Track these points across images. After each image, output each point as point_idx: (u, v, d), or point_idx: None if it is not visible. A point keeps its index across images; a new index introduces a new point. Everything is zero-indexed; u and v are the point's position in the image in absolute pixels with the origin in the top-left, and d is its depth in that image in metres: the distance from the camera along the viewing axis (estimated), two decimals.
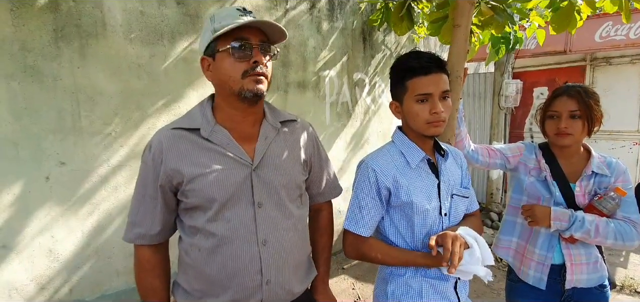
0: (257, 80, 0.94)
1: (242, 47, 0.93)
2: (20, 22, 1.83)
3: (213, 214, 0.95)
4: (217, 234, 0.95)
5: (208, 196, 0.94)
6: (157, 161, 0.96)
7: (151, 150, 0.97)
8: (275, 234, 0.99)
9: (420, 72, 1.02)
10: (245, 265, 0.95)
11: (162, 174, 0.95)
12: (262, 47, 0.96)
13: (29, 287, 1.98)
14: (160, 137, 0.97)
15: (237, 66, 0.93)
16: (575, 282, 1.34)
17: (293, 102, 3.10)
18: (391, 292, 1.12)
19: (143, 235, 1.00)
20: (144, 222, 1.00)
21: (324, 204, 1.25)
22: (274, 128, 1.05)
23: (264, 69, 0.95)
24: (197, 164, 0.95)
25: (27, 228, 1.95)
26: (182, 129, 0.98)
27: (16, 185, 1.89)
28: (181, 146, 0.96)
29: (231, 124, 1.00)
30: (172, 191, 0.98)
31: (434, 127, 1.04)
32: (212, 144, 0.97)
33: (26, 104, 1.87)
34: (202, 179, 0.94)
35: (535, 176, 1.41)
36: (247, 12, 0.95)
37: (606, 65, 4.38)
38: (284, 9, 2.97)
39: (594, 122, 1.31)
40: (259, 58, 0.94)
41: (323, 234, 1.25)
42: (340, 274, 3.33)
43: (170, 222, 1.03)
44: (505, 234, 1.52)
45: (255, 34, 0.95)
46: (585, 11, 1.94)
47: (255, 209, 0.97)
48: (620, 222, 1.27)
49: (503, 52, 3.03)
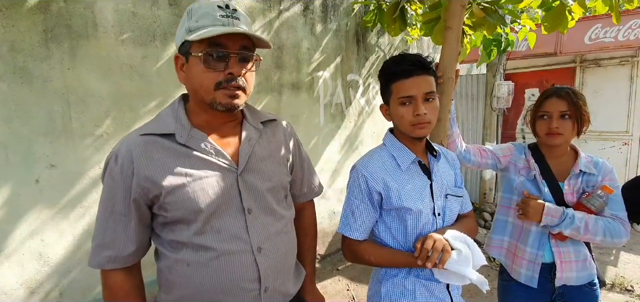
0: (231, 95, 0.85)
1: (217, 55, 0.83)
2: (10, 23, 1.80)
3: (200, 226, 0.86)
4: (208, 246, 0.87)
5: (192, 207, 0.85)
6: (126, 173, 0.84)
7: (118, 161, 0.85)
8: (268, 239, 0.94)
9: (402, 76, 1.04)
10: (242, 276, 0.89)
11: (135, 186, 0.84)
12: (242, 56, 0.86)
13: (19, 291, 1.95)
14: (129, 146, 0.86)
15: (210, 76, 0.84)
16: (565, 279, 1.36)
17: (287, 103, 3.10)
18: (385, 292, 1.13)
19: (114, 258, 0.87)
20: (114, 243, 0.87)
21: (306, 203, 1.22)
22: (256, 129, 0.99)
23: (241, 81, 0.86)
24: (176, 173, 0.85)
25: (16, 232, 1.91)
26: (153, 135, 0.87)
27: (5, 188, 1.86)
28: (154, 154, 0.85)
29: (209, 127, 0.92)
30: (147, 205, 0.87)
31: (418, 129, 1.05)
32: (191, 150, 0.88)
33: (15, 106, 1.84)
34: (183, 190, 0.85)
35: (524, 175, 1.44)
36: (230, 12, 0.84)
37: (595, 67, 4.45)
38: (278, 11, 2.97)
39: (583, 122, 1.34)
40: (235, 70, 0.84)
41: (307, 234, 1.21)
42: (335, 275, 3.33)
43: (145, 239, 0.92)
44: (496, 233, 1.54)
45: (235, 40, 0.85)
46: (576, 11, 1.96)
47: (246, 216, 0.91)
48: (609, 220, 1.30)
49: (495, 54, 3.07)
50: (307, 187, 1.19)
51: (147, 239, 0.94)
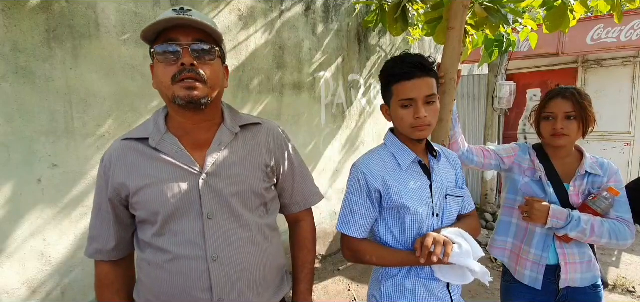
0: (187, 86, 0.85)
1: (168, 50, 0.84)
2: (12, 23, 1.80)
3: (159, 228, 0.88)
4: (164, 249, 0.88)
5: (151, 208, 0.88)
6: (107, 174, 0.92)
7: (103, 163, 0.94)
8: (228, 249, 0.90)
9: (403, 78, 1.03)
10: (193, 283, 0.87)
11: (110, 188, 0.91)
12: (197, 48, 0.86)
13: (20, 291, 1.95)
14: (111, 149, 0.93)
15: (166, 71, 0.85)
16: (570, 281, 1.35)
17: (288, 104, 3.09)
18: (385, 292, 1.12)
19: (100, 250, 0.96)
20: (100, 237, 0.95)
21: (301, 213, 1.13)
22: (231, 133, 0.97)
23: (198, 72, 0.85)
24: (143, 175, 0.89)
25: (18, 231, 1.92)
26: (132, 140, 0.93)
27: (7, 188, 1.86)
28: (129, 158, 0.91)
29: (183, 131, 0.93)
30: (122, 205, 0.93)
31: (419, 131, 1.05)
32: (160, 154, 0.90)
33: (18, 106, 1.85)
34: (146, 191, 0.88)
35: (529, 176, 1.42)
36: (184, 11, 0.85)
37: (598, 68, 4.44)
38: (279, 11, 2.97)
39: (588, 123, 1.33)
40: (186, 60, 0.84)
41: (302, 248, 1.13)
42: (335, 276, 3.32)
43: (126, 238, 0.98)
44: (500, 234, 1.53)
45: (188, 34, 0.85)
46: (578, 11, 1.96)
47: (204, 222, 0.89)
48: (614, 222, 1.29)
49: (496, 54, 3.06)
50: (300, 196, 1.11)
51: (128, 238, 0.99)
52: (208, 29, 0.87)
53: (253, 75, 2.84)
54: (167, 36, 0.85)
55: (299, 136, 3.21)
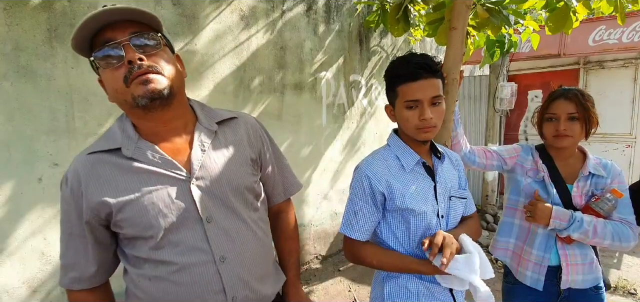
0: (142, 81, 0.77)
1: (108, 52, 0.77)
2: (14, 21, 1.80)
3: (157, 242, 0.82)
4: (168, 261, 0.83)
5: (144, 223, 0.81)
6: (77, 195, 0.82)
7: (68, 183, 0.83)
8: (233, 247, 0.88)
9: (408, 79, 1.02)
10: (205, 287, 0.84)
11: (86, 208, 0.81)
12: (137, 42, 0.79)
13: (21, 290, 1.95)
14: (76, 166, 0.83)
15: (116, 75, 0.78)
16: (571, 282, 1.34)
17: (289, 104, 3.09)
18: (387, 294, 1.12)
19: (78, 279, 0.86)
20: (76, 265, 0.86)
21: (283, 204, 1.14)
22: (209, 131, 0.92)
23: (148, 64, 0.78)
24: (123, 189, 0.81)
25: (19, 230, 1.91)
26: (100, 152, 0.83)
27: (8, 186, 1.86)
28: (101, 172, 0.81)
29: (156, 136, 0.86)
30: (102, 225, 0.84)
31: (424, 133, 1.04)
32: (139, 163, 0.82)
33: (19, 105, 1.84)
34: (132, 206, 0.81)
35: (532, 176, 1.42)
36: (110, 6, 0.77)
37: (599, 69, 4.43)
38: (281, 11, 2.96)
39: (591, 124, 1.33)
40: (131, 56, 0.77)
41: (287, 238, 1.14)
42: (336, 276, 3.32)
43: (107, 259, 0.90)
44: (502, 235, 1.53)
45: (121, 29, 0.78)
46: (581, 12, 1.95)
47: (205, 226, 0.85)
48: (617, 223, 1.29)
49: (498, 55, 3.05)
50: (281, 186, 1.11)
51: (109, 258, 0.91)
52: (140, 16, 0.79)
53: (254, 75, 2.84)
54: (102, 38, 0.77)
55: (300, 136, 3.21)
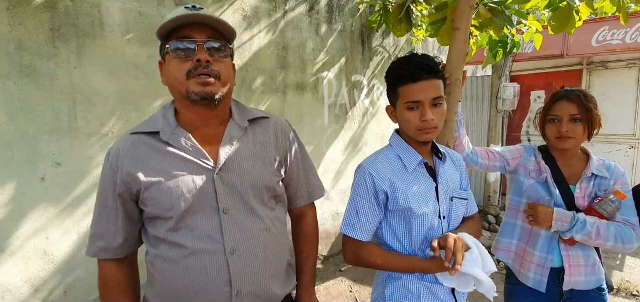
0: (203, 82, 0.86)
1: (185, 46, 0.86)
2: (17, 21, 1.81)
3: (174, 223, 0.88)
4: (181, 244, 0.88)
5: (165, 204, 0.87)
6: (114, 169, 0.90)
7: (109, 157, 0.92)
8: (245, 241, 0.91)
9: (409, 80, 1.02)
10: (212, 276, 0.88)
11: (119, 182, 0.89)
12: (211, 45, 0.88)
13: (23, 289, 1.95)
14: (118, 144, 0.92)
15: (181, 66, 0.86)
16: (573, 284, 1.34)
17: (291, 103, 3.09)
18: (389, 295, 1.11)
19: (105, 248, 0.93)
20: (106, 234, 0.93)
21: (305, 207, 1.16)
22: (240, 128, 0.97)
23: (211, 68, 0.87)
24: (154, 170, 0.88)
25: (21, 229, 1.92)
26: (141, 133, 0.92)
27: (11, 185, 1.87)
28: (138, 151, 0.89)
29: (193, 126, 0.93)
30: (132, 200, 0.91)
31: (425, 134, 1.04)
32: (172, 148, 0.90)
33: (22, 104, 1.85)
34: (158, 187, 0.87)
35: (535, 177, 1.41)
36: (196, 9, 0.87)
37: (602, 69, 4.41)
38: (283, 11, 2.96)
39: (594, 125, 1.32)
40: (202, 56, 0.85)
41: (306, 241, 1.17)
42: (337, 277, 3.32)
43: (133, 233, 0.96)
44: (504, 236, 1.52)
45: (202, 31, 0.87)
46: (583, 12, 1.94)
47: (221, 216, 0.90)
48: (621, 225, 1.28)
49: (500, 55, 3.04)
50: (306, 190, 1.14)
51: (136, 233, 0.97)
52: (221, 26, 0.88)
53: (256, 75, 2.84)
54: (181, 33, 0.86)
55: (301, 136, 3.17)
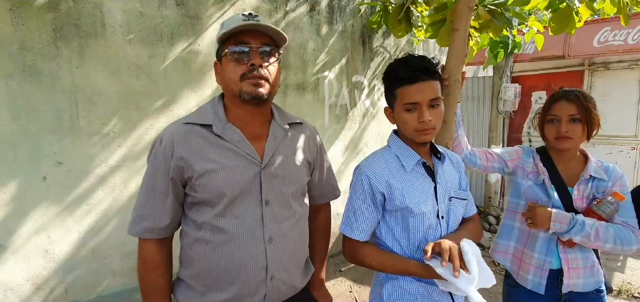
0: (255, 83, 0.96)
1: (241, 50, 0.96)
2: (20, 22, 1.83)
3: (221, 210, 0.96)
4: (225, 229, 0.97)
5: (218, 191, 0.96)
6: (167, 154, 0.97)
7: (162, 143, 0.98)
8: (280, 231, 1.02)
9: (406, 82, 1.02)
10: (251, 261, 0.97)
11: (173, 167, 0.96)
12: (263, 50, 0.98)
13: (25, 287, 1.97)
14: (173, 130, 0.99)
15: (237, 69, 0.96)
16: (572, 286, 1.34)
17: (292, 104, 3.10)
18: (387, 295, 1.12)
19: (151, 229, 1.00)
20: (152, 216, 0.99)
21: (322, 205, 1.29)
22: (282, 130, 1.08)
23: (263, 71, 0.97)
24: (208, 159, 0.97)
25: (23, 228, 1.94)
26: (194, 124, 1.00)
27: (13, 184, 1.88)
28: (192, 141, 0.98)
29: (241, 123, 1.02)
30: (182, 184, 0.99)
31: (423, 135, 1.04)
32: (224, 141, 0.99)
33: (24, 104, 1.87)
34: (212, 175, 0.96)
35: (533, 179, 1.41)
36: (253, 17, 0.97)
37: (604, 70, 4.40)
38: (284, 11, 2.97)
39: (593, 126, 1.32)
40: (256, 60, 0.96)
41: (321, 234, 1.31)
42: (337, 277, 3.32)
43: (178, 215, 1.04)
44: (503, 238, 1.52)
45: (256, 38, 0.97)
46: (584, 13, 1.94)
47: (263, 207, 1.00)
48: (620, 227, 1.28)
49: (501, 56, 3.04)
50: (324, 190, 1.26)
51: (178, 217, 1.05)
52: (274, 33, 0.98)
53: None
54: (238, 39, 0.96)
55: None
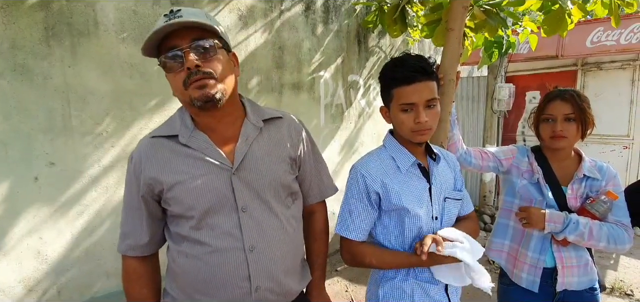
0: (199, 86, 0.86)
1: (173, 55, 0.85)
2: (10, 20, 1.80)
3: (196, 222, 0.92)
4: (203, 241, 0.92)
5: (187, 204, 0.91)
6: (137, 172, 0.95)
7: (133, 161, 0.97)
8: (263, 238, 0.95)
9: (403, 82, 1.02)
10: (232, 273, 0.92)
11: (142, 184, 0.94)
12: (197, 46, 0.86)
13: (17, 289, 1.94)
14: (141, 147, 0.96)
15: (177, 78, 0.87)
16: (566, 284, 1.35)
17: (287, 103, 3.09)
18: (383, 295, 1.12)
19: (133, 246, 0.99)
20: (133, 233, 0.99)
21: (316, 205, 1.19)
22: (255, 127, 1.00)
23: (205, 69, 0.86)
24: (176, 171, 0.92)
25: (15, 229, 1.91)
26: (161, 137, 0.96)
27: (4, 185, 1.85)
28: (159, 155, 0.94)
29: (209, 128, 0.96)
30: (155, 200, 0.96)
31: (419, 135, 1.04)
32: (191, 150, 0.93)
33: (15, 104, 1.84)
34: (180, 187, 0.91)
35: (527, 178, 1.42)
36: (173, 15, 0.85)
37: (597, 70, 4.44)
38: (279, 11, 2.96)
39: (587, 125, 1.33)
40: (189, 63, 0.84)
41: (317, 238, 1.21)
42: (333, 276, 3.32)
43: (158, 232, 1.02)
44: (497, 237, 1.53)
45: (184, 36, 0.86)
46: (576, 15, 1.96)
47: (240, 214, 0.93)
48: (613, 226, 1.29)
49: (496, 56, 3.06)
50: (317, 188, 1.17)
51: (160, 232, 1.02)
52: (201, 25, 0.86)
53: (252, 74, 2.84)
54: (167, 44, 0.86)
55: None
